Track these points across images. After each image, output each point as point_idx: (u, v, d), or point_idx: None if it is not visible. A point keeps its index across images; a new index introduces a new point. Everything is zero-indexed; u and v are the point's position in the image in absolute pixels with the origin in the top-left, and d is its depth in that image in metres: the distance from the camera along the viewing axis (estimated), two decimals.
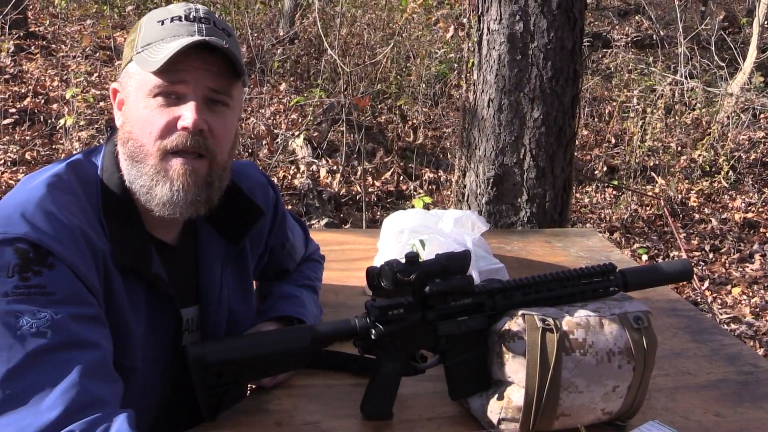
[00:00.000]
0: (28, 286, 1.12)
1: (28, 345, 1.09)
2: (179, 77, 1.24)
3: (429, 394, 1.52)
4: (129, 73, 1.29)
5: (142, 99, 1.26)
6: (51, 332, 1.11)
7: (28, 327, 1.10)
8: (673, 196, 5.82)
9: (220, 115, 1.29)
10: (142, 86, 1.26)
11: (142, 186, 1.28)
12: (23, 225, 1.14)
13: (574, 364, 1.33)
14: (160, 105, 1.25)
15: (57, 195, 1.21)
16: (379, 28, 7.27)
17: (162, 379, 1.39)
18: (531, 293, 1.42)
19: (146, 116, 1.25)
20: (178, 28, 1.26)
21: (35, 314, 1.11)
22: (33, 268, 1.13)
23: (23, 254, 1.13)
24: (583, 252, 2.45)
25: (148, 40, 1.26)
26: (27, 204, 1.17)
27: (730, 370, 1.74)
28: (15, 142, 5.23)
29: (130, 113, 1.29)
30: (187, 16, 1.27)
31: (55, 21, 7.90)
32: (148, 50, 1.25)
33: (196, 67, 1.24)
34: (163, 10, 1.30)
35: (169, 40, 1.24)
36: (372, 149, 5.82)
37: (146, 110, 1.25)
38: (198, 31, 1.26)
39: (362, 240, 2.40)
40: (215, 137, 1.28)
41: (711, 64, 7.76)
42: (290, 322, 1.58)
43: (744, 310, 4.39)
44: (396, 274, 1.32)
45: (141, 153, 1.27)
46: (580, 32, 2.93)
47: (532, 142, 2.91)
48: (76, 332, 1.13)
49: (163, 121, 1.25)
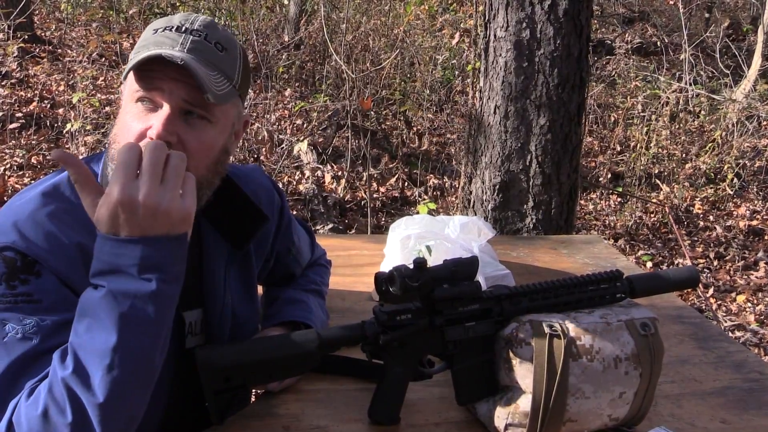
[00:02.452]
0: (15, 294, 1.13)
1: (13, 351, 1.10)
2: (155, 85, 1.22)
3: (436, 399, 1.52)
4: (125, 79, 1.29)
5: (129, 104, 1.26)
6: (36, 338, 1.12)
7: (14, 333, 1.11)
8: (677, 203, 5.82)
9: (196, 128, 1.25)
10: (129, 91, 1.26)
11: None
12: (12, 234, 1.15)
13: (581, 370, 1.33)
14: (139, 111, 1.24)
15: (52, 205, 1.22)
16: (384, 34, 7.29)
17: (167, 382, 1.39)
18: (538, 299, 1.43)
19: (126, 121, 1.25)
20: (164, 38, 1.24)
21: (21, 321, 1.12)
22: (20, 277, 1.14)
23: (10, 263, 1.14)
24: (589, 259, 2.45)
25: (139, 46, 1.26)
26: (20, 213, 1.19)
27: (736, 377, 1.74)
28: (21, 146, 5.26)
29: (118, 117, 1.30)
30: (179, 27, 1.25)
31: (61, 26, 7.93)
32: (133, 56, 1.25)
33: (172, 78, 1.21)
34: (165, 19, 1.29)
35: (150, 48, 1.22)
36: (377, 155, 5.83)
37: (127, 115, 1.25)
38: (181, 43, 1.23)
39: (368, 245, 2.40)
40: (187, 150, 1.21)
41: (715, 71, 7.77)
42: (297, 327, 1.58)
43: (749, 318, 4.38)
44: (404, 280, 1.32)
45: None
46: (587, 40, 2.94)
47: (538, 149, 2.92)
48: (62, 338, 1.12)
49: (138, 127, 1.23)
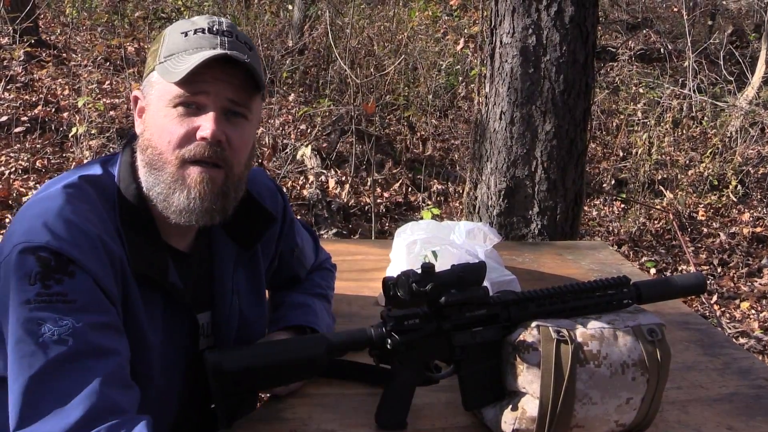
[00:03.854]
0: (50, 293, 1.13)
1: (50, 352, 1.10)
2: (200, 88, 1.26)
3: (443, 404, 1.52)
4: (151, 83, 1.31)
5: (163, 108, 1.27)
6: (72, 340, 1.12)
7: (50, 334, 1.11)
8: (681, 209, 5.82)
9: (238, 126, 1.30)
10: (163, 95, 1.28)
11: (159, 193, 1.29)
12: (45, 234, 1.16)
13: (589, 375, 1.34)
14: (180, 114, 1.26)
15: (76, 204, 1.22)
16: (388, 39, 7.30)
17: (179, 384, 1.40)
18: (545, 305, 1.43)
19: (166, 125, 1.27)
20: (201, 40, 1.28)
21: (57, 321, 1.12)
22: (54, 276, 1.14)
23: (45, 262, 1.14)
24: (595, 265, 2.45)
25: (171, 51, 1.28)
26: (48, 213, 1.19)
27: (743, 384, 1.74)
28: (26, 150, 5.27)
29: (150, 121, 1.30)
30: (210, 29, 1.29)
31: (66, 30, 7.96)
32: (170, 61, 1.27)
33: (218, 79, 1.26)
34: (186, 22, 1.32)
35: (192, 52, 1.26)
36: (381, 160, 5.84)
37: (166, 119, 1.27)
38: (221, 44, 1.27)
39: (374, 251, 2.41)
40: (233, 148, 1.29)
41: (719, 78, 7.77)
42: (302, 331, 1.58)
43: (753, 325, 4.38)
44: (412, 285, 1.33)
45: (159, 161, 1.28)
46: (592, 46, 2.95)
47: (543, 155, 2.92)
48: (96, 340, 1.14)
49: (182, 130, 1.26)
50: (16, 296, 1.13)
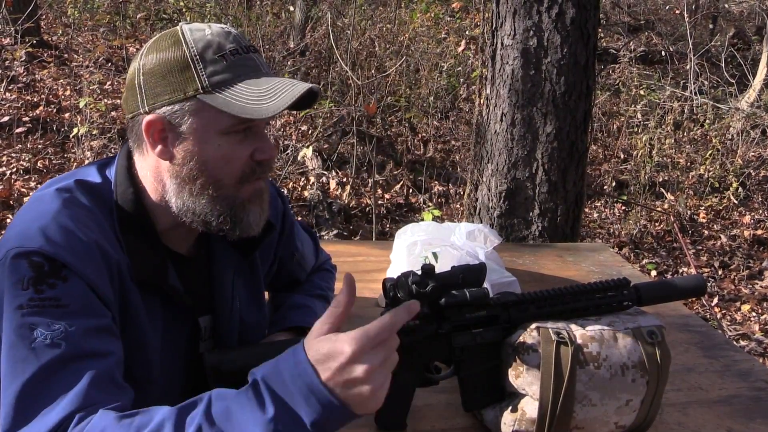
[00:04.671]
0: (43, 298, 1.13)
1: (42, 357, 1.10)
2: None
3: (442, 405, 1.53)
4: (190, 111, 1.24)
5: (214, 137, 1.25)
6: (65, 344, 1.11)
7: (43, 339, 1.11)
8: (682, 212, 5.82)
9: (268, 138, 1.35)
10: (211, 124, 1.24)
11: (219, 214, 1.30)
12: (39, 239, 1.15)
13: (588, 377, 1.34)
14: (236, 141, 1.26)
15: (72, 209, 1.22)
16: (389, 40, 7.31)
17: (180, 387, 1.40)
18: (546, 306, 1.43)
19: (225, 154, 1.26)
20: (247, 61, 1.27)
21: (49, 326, 1.12)
22: (48, 281, 1.14)
23: (38, 267, 1.14)
24: (595, 267, 2.45)
25: (219, 79, 1.24)
26: (43, 218, 1.19)
27: (743, 386, 1.74)
28: (27, 150, 5.27)
29: (195, 151, 1.26)
30: (244, 47, 1.28)
31: (68, 31, 7.97)
32: (228, 91, 1.23)
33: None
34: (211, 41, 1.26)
35: (244, 78, 1.24)
36: (382, 161, 5.84)
37: (223, 148, 1.26)
38: (261, 65, 1.29)
39: (375, 252, 2.41)
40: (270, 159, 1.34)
41: (720, 80, 7.77)
42: (303, 332, 1.58)
43: (753, 327, 4.37)
44: (412, 286, 1.33)
45: (217, 187, 1.28)
46: (593, 48, 2.95)
47: (544, 157, 2.92)
48: (88, 344, 1.14)
49: (243, 155, 1.27)
50: (9, 301, 1.13)
